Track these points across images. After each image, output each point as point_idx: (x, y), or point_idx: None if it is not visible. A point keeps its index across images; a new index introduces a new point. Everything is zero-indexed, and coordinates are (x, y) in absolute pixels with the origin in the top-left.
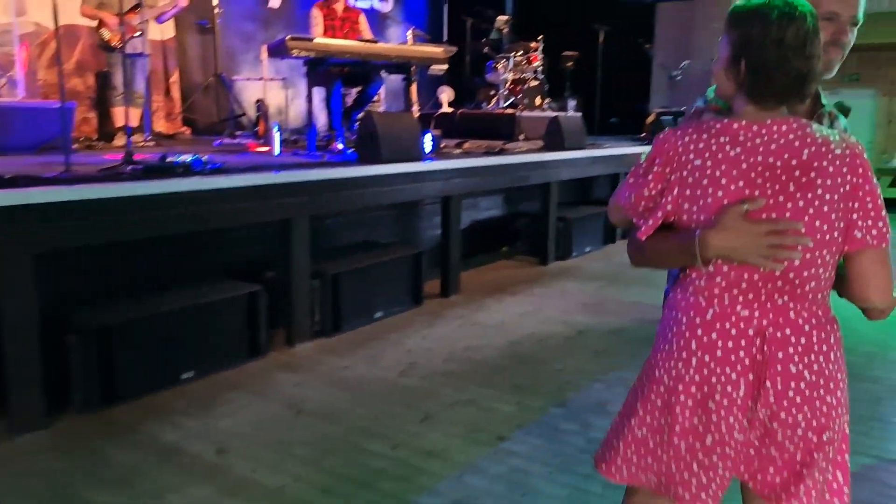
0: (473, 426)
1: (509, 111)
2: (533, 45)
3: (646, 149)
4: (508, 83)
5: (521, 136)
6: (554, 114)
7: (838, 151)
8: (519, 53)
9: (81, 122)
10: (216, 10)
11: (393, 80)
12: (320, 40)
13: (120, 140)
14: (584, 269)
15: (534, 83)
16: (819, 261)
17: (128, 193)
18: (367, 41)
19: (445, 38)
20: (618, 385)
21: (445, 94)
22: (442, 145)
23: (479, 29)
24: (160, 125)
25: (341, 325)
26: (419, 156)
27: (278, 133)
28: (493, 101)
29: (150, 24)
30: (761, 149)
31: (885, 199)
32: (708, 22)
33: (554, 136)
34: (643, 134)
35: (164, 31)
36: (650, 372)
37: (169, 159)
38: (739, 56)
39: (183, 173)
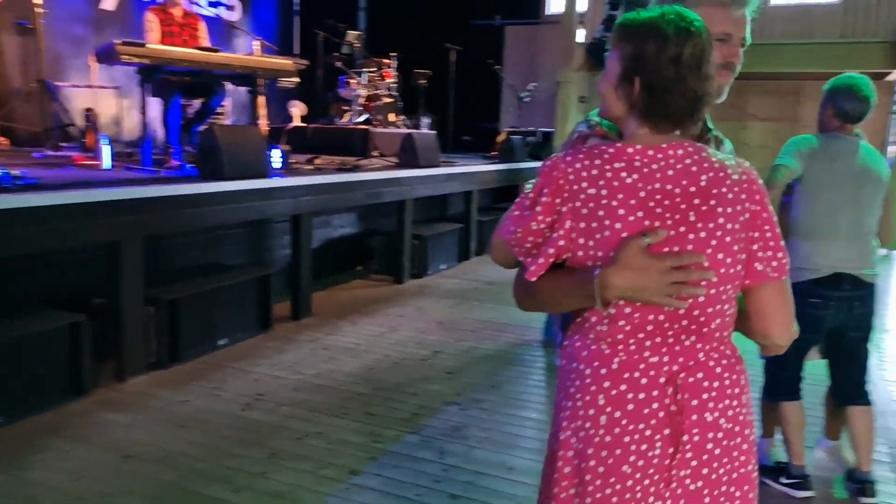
0: (323, 461)
1: (363, 127)
2: (386, 61)
3: (496, 167)
4: (362, 99)
5: (376, 153)
6: (408, 131)
7: (735, 177)
8: (372, 69)
9: None
10: (38, 10)
11: (241, 93)
12: (154, 46)
13: None
14: (439, 286)
15: (388, 100)
16: (724, 296)
17: None
18: (207, 49)
19: (297, 50)
20: (472, 407)
21: (297, 109)
22: (292, 161)
23: (331, 43)
24: None
25: (180, 354)
26: (266, 172)
27: (108, 146)
28: (347, 116)
29: None
30: (658, 175)
31: None
32: (551, 45)
33: (408, 153)
34: (494, 152)
35: None
36: (556, 434)
37: None
38: (632, 74)
39: None
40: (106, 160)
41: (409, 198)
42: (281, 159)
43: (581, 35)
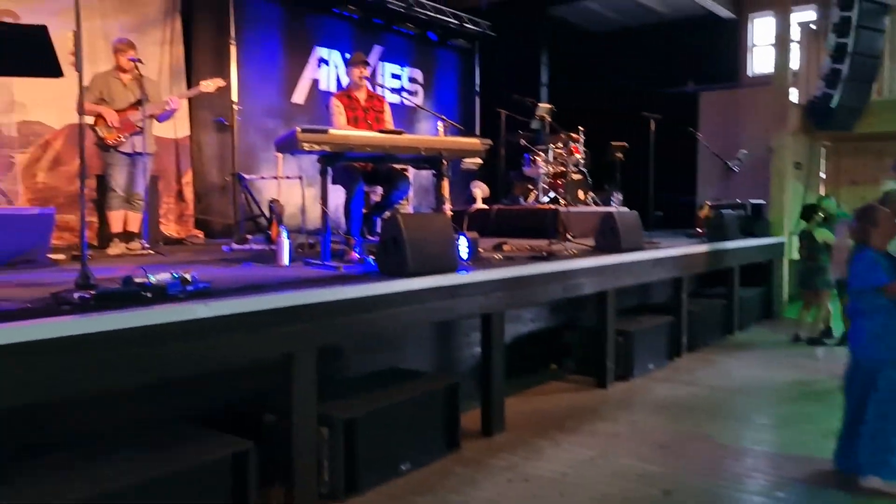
0: None
1: (551, 207)
2: (574, 135)
3: (707, 247)
4: (548, 177)
5: (569, 235)
6: (603, 209)
7: None
8: (559, 145)
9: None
10: (235, 108)
11: (422, 177)
12: (335, 132)
13: (115, 248)
14: (651, 392)
15: (576, 176)
16: None
17: (60, 334)
18: (391, 132)
19: (478, 131)
20: None
21: (479, 190)
22: (480, 250)
23: (513, 121)
24: (170, 228)
25: (357, 483)
26: (454, 266)
27: (287, 240)
28: (532, 196)
29: (155, 123)
30: None
31: None
32: (755, 109)
33: (608, 236)
34: (698, 229)
35: (177, 130)
36: None
37: (138, 280)
38: None
39: (152, 300)
40: (284, 256)
41: (612, 287)
42: (468, 249)
43: (795, 95)
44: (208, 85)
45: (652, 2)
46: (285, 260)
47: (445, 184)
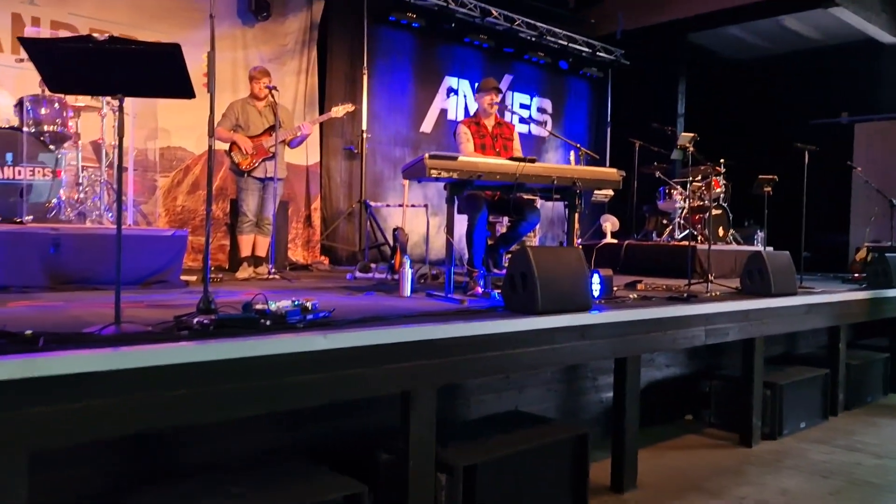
0: None
1: (688, 244)
2: (716, 167)
3: (868, 294)
4: (685, 211)
5: (711, 276)
6: (746, 248)
7: None
8: (697, 178)
9: (217, 250)
10: (364, 135)
11: (547, 209)
12: (464, 159)
13: (244, 272)
14: (804, 457)
15: (716, 211)
16: None
17: (175, 360)
18: (522, 159)
19: (608, 162)
20: None
21: (609, 224)
22: (613, 288)
23: (647, 152)
24: (298, 254)
25: None
26: (587, 305)
27: (410, 269)
28: (667, 231)
29: (287, 149)
30: None
31: None
32: None
33: (755, 278)
34: (854, 274)
35: (308, 156)
36: None
37: (258, 306)
38: None
39: (271, 328)
40: (407, 287)
41: (760, 335)
42: (601, 287)
43: None
44: (338, 110)
45: (804, 27)
46: (407, 290)
47: (577, 217)
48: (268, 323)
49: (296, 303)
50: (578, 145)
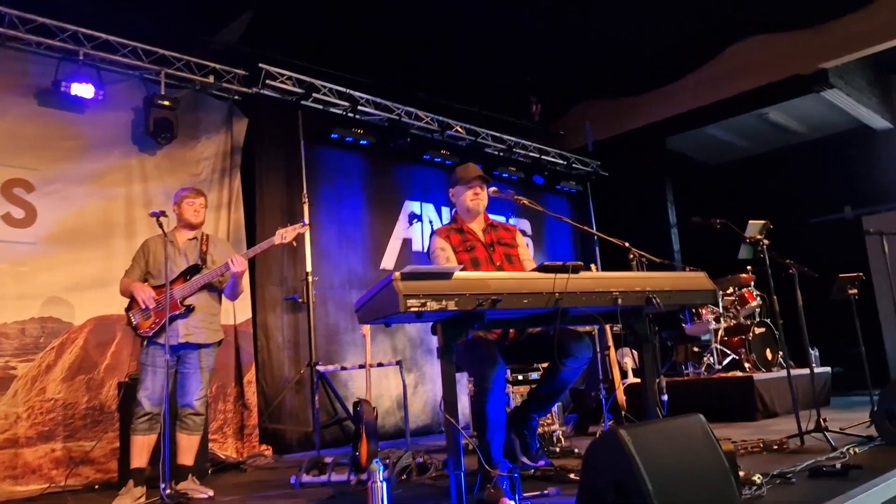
0: None
1: (739, 375)
2: (744, 276)
3: None
4: (720, 334)
5: (823, 420)
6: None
7: None
8: (728, 291)
9: (109, 456)
10: (310, 279)
11: None
12: (465, 274)
13: (125, 497)
14: None
15: (758, 329)
16: None
17: None
18: (560, 267)
19: None
20: None
21: (629, 359)
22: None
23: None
24: (228, 447)
25: None
26: None
27: (383, 482)
28: (704, 361)
29: (225, 301)
30: None
31: None
32: None
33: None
34: None
35: (237, 313)
36: None
37: None
38: None
39: None
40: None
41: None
42: None
43: None
44: (286, 233)
45: (789, 120)
46: None
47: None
48: None
49: None
50: (626, 244)
